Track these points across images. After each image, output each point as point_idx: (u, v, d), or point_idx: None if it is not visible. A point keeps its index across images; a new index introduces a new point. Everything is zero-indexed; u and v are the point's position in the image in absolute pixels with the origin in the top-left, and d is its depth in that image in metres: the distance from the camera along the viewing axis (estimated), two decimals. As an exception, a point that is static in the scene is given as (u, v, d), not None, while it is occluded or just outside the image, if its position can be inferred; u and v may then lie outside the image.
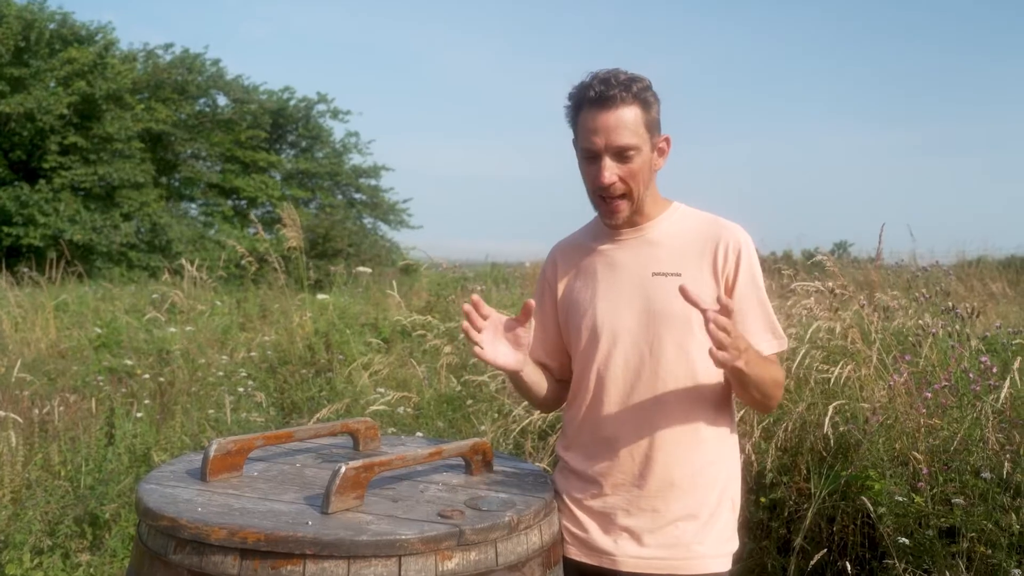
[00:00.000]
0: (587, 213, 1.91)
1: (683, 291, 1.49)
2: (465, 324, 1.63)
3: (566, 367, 1.89)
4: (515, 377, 1.77)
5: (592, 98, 1.65)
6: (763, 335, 1.71)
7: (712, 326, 1.45)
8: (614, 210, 1.71)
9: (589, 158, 1.68)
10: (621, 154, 1.65)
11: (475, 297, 1.65)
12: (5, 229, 18.81)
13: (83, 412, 4.33)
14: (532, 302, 1.66)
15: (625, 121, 1.64)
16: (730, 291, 1.70)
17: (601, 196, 1.70)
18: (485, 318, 1.66)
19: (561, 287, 1.85)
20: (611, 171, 1.65)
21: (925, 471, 2.69)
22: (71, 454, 3.76)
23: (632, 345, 1.71)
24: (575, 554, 1.73)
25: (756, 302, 1.72)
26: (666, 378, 1.69)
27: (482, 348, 1.64)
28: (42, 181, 19.60)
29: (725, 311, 1.48)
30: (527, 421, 3.35)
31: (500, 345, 1.68)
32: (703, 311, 1.48)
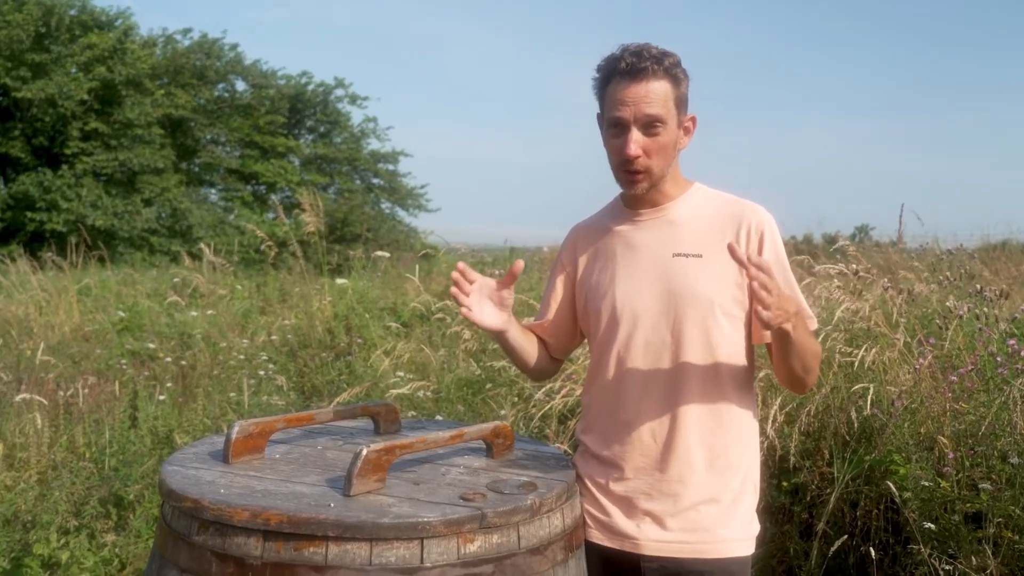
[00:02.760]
0: (605, 196, 1.89)
1: (731, 249, 1.47)
2: (453, 290, 1.69)
3: (563, 347, 1.94)
4: (500, 337, 1.82)
5: (623, 69, 1.63)
6: (795, 302, 1.69)
7: (755, 284, 1.42)
8: (635, 181, 1.68)
9: (616, 129, 1.66)
10: (648, 125, 1.63)
11: (461, 265, 1.70)
12: (29, 214, 19.00)
13: (107, 395, 4.38)
14: (520, 263, 1.71)
15: (655, 93, 1.62)
16: None
17: (624, 168, 1.68)
18: (471, 282, 1.71)
19: (580, 269, 1.84)
20: (637, 142, 1.63)
21: (951, 456, 2.65)
22: (95, 436, 3.81)
23: (653, 327, 1.69)
24: (597, 538, 1.72)
25: (782, 281, 1.69)
26: (687, 360, 1.67)
27: (469, 309, 1.69)
28: (64, 167, 19.76)
29: (764, 270, 1.45)
30: (548, 405, 3.34)
31: (486, 307, 1.73)
32: (746, 266, 1.45)
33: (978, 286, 3.51)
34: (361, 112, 34.44)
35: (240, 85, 24.52)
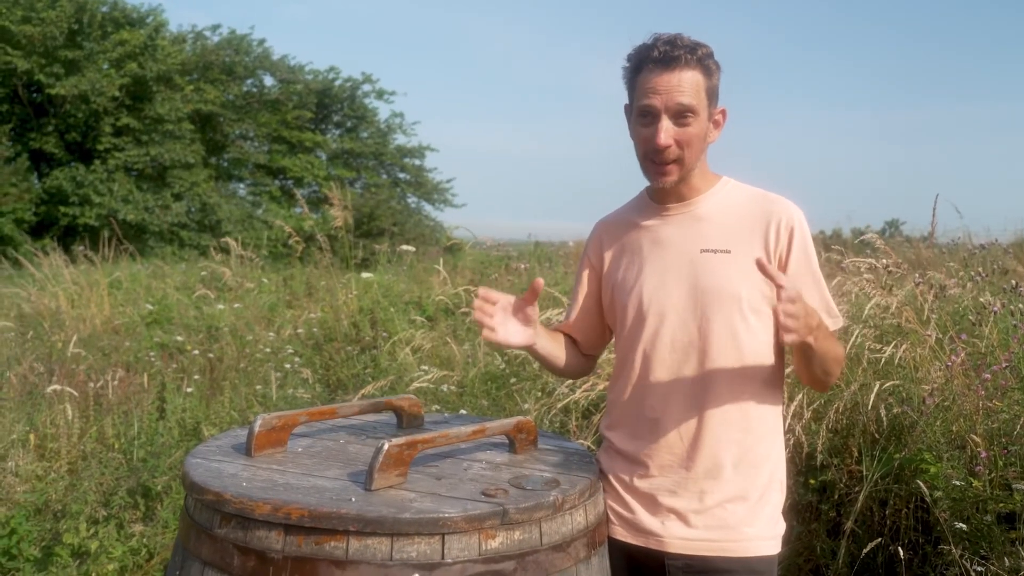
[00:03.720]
0: (631, 190, 1.87)
1: (760, 264, 1.46)
2: (476, 315, 1.68)
3: (593, 343, 1.92)
4: (529, 350, 1.81)
5: (656, 58, 1.60)
6: (819, 314, 1.65)
7: (783, 316, 1.42)
8: (664, 172, 1.66)
9: (646, 118, 1.63)
10: (680, 115, 1.61)
11: (482, 291, 1.69)
12: (62, 209, 19.34)
13: (136, 387, 4.43)
14: (540, 281, 1.69)
15: (687, 82, 1.60)
16: (783, 268, 1.65)
17: (652, 160, 1.65)
18: (494, 304, 1.69)
19: (606, 264, 1.82)
20: (668, 132, 1.61)
21: (983, 455, 2.60)
22: (124, 427, 3.86)
23: (680, 324, 1.67)
24: (621, 535, 1.70)
25: (811, 280, 1.66)
26: (715, 357, 1.65)
27: (493, 331, 1.68)
28: (97, 162, 20.07)
29: (794, 301, 1.44)
30: (571, 399, 3.32)
31: (510, 325, 1.72)
32: (779, 287, 1.44)
33: (1013, 282, 3.44)
34: (388, 107, 34.61)
35: (268, 80, 24.75)
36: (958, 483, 2.55)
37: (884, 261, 3.55)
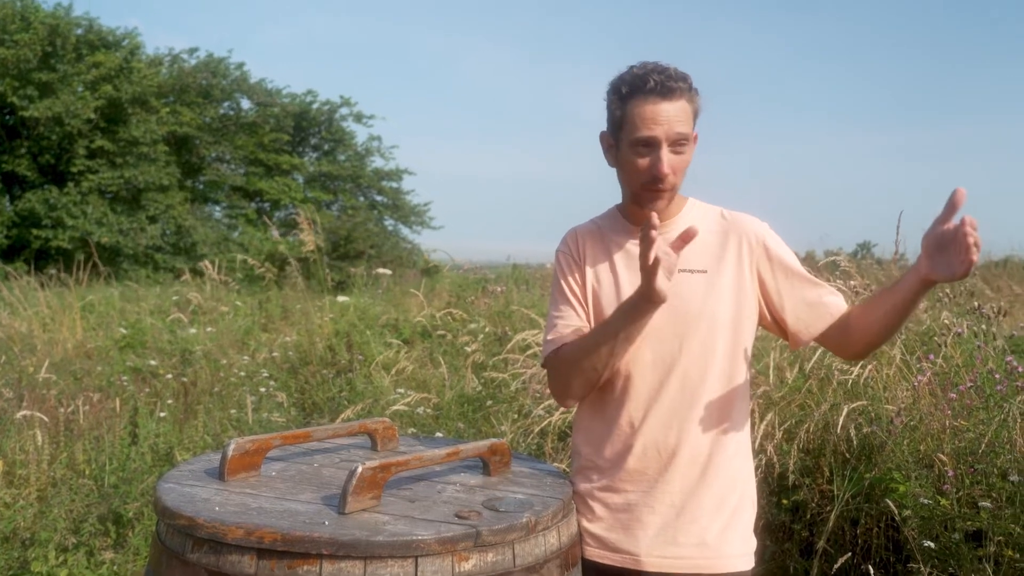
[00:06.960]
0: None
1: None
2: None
3: None
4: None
5: (652, 88, 1.63)
6: (831, 295, 1.75)
7: (970, 232, 1.43)
8: (660, 198, 1.69)
9: (648, 148, 1.65)
10: (676, 144, 1.65)
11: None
12: (35, 232, 19.11)
13: (107, 411, 4.38)
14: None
15: (684, 112, 1.65)
16: (773, 276, 1.73)
17: (649, 188, 1.68)
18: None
19: (587, 272, 1.78)
20: (668, 161, 1.65)
21: (951, 473, 2.65)
22: (95, 453, 3.81)
23: (659, 343, 1.69)
24: (596, 555, 1.71)
25: (805, 273, 1.76)
26: (693, 376, 1.68)
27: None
28: (70, 184, 19.88)
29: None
30: (546, 422, 3.34)
31: None
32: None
33: (976, 303, 3.51)
34: (366, 130, 34.66)
35: (245, 103, 24.73)
36: (926, 502, 2.59)
37: (852, 283, 3.61)
